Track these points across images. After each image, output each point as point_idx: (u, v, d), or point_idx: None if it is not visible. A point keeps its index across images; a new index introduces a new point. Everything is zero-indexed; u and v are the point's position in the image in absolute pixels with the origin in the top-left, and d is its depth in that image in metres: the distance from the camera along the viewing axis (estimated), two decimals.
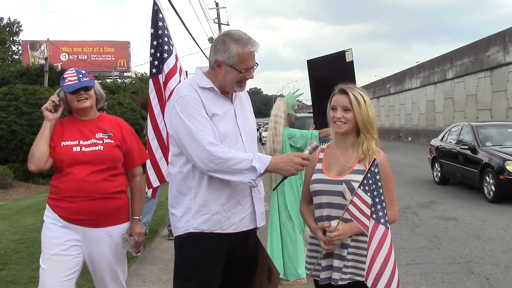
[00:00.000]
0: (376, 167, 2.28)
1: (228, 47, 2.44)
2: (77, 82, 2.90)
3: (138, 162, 3.13)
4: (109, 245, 2.95)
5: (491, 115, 23.71)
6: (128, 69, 47.57)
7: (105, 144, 2.93)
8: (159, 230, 7.31)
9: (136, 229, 3.07)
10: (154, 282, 5.03)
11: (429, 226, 7.64)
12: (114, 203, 2.93)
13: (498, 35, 23.21)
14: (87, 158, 2.86)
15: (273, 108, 4.88)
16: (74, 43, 48.96)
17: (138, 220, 3.12)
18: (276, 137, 4.71)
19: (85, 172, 2.83)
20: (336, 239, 2.42)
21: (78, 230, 2.88)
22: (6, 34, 35.87)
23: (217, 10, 34.09)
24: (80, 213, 2.84)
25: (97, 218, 2.88)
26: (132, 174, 3.13)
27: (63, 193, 2.84)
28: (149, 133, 4.68)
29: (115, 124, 3.10)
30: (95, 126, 3.00)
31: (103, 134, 2.97)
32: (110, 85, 33.46)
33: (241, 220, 2.54)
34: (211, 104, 2.49)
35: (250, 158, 2.39)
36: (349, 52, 4.29)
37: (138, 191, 3.17)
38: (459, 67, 27.46)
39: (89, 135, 2.94)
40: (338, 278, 2.46)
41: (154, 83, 4.62)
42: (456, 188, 11.42)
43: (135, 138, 3.13)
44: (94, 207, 2.85)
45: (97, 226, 2.90)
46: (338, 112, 2.55)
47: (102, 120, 3.09)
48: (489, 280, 5.06)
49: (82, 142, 2.90)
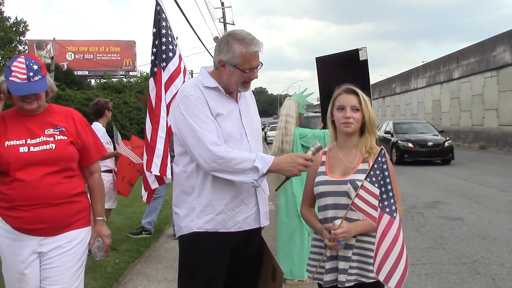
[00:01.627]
0: (383, 157, 2.25)
1: (232, 47, 2.44)
2: (26, 83, 2.46)
3: (96, 158, 2.79)
4: (69, 252, 2.60)
5: (498, 114, 23.59)
6: (134, 68, 47.68)
7: (57, 142, 2.56)
8: (164, 229, 7.32)
9: (103, 231, 2.80)
10: (160, 281, 5.04)
11: (434, 226, 7.60)
12: (74, 207, 2.62)
13: (504, 35, 23.07)
14: (36, 159, 2.49)
15: (284, 107, 4.80)
16: (80, 42, 49.17)
17: (103, 221, 2.82)
18: (286, 137, 4.65)
19: (36, 176, 2.48)
20: (341, 236, 2.41)
21: (33, 240, 2.53)
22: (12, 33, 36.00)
23: (223, 9, 34.13)
24: (37, 222, 2.50)
25: (57, 226, 2.56)
26: (89, 171, 2.78)
27: (14, 201, 2.48)
28: (148, 132, 4.69)
29: (67, 116, 2.70)
30: (44, 121, 2.60)
31: (54, 130, 2.59)
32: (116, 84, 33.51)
33: (245, 219, 2.54)
34: (216, 104, 2.49)
35: (253, 158, 2.39)
36: (363, 50, 4.23)
37: (99, 190, 2.83)
38: (465, 67, 27.32)
39: (37, 132, 2.55)
40: (344, 280, 2.45)
41: (156, 81, 4.62)
42: (462, 189, 11.38)
43: (90, 131, 2.78)
44: (53, 214, 2.52)
45: (55, 233, 2.56)
46: (347, 112, 2.53)
47: (52, 112, 2.66)
48: (495, 280, 5.04)
49: (30, 141, 2.52)
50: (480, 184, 11.12)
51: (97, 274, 5.03)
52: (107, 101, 6.05)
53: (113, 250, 5.91)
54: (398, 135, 18.38)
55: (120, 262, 5.48)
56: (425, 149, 17.36)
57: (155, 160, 4.55)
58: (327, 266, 2.53)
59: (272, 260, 2.68)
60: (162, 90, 4.55)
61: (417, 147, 17.42)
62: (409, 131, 19.06)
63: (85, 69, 45.72)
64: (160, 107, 4.56)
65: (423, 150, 17.36)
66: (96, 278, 4.90)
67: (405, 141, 17.69)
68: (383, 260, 2.21)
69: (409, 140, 17.72)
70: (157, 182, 4.82)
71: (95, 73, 45.99)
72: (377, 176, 2.26)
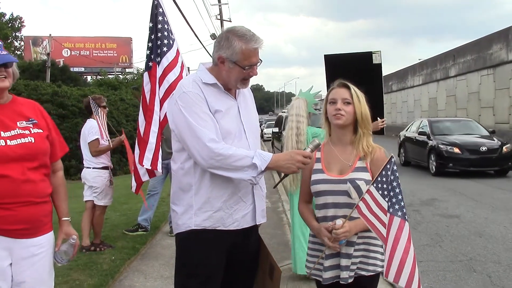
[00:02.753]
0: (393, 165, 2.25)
1: (232, 44, 2.42)
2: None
3: (60, 155, 2.60)
4: (43, 258, 2.42)
5: (494, 112, 23.65)
6: (130, 65, 47.54)
7: (35, 135, 2.38)
8: (160, 227, 7.31)
9: (72, 231, 2.60)
10: (156, 278, 5.03)
11: (431, 224, 7.62)
12: (47, 207, 2.45)
13: (501, 33, 23.11)
14: (16, 153, 2.28)
15: (293, 107, 4.75)
16: (76, 39, 48.94)
17: (69, 222, 2.63)
18: (300, 136, 4.61)
19: (19, 171, 2.28)
20: (343, 236, 2.42)
21: (10, 243, 2.29)
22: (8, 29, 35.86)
23: (219, 6, 33.99)
24: (18, 222, 2.29)
25: (35, 227, 2.37)
26: (54, 168, 2.59)
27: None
28: (141, 125, 4.70)
29: (35, 109, 2.51)
30: (14, 111, 2.40)
31: (27, 122, 2.40)
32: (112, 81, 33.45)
33: (243, 216, 2.53)
34: (214, 100, 2.47)
35: (251, 155, 2.38)
36: (377, 54, 4.22)
37: (63, 188, 2.64)
38: (462, 65, 27.37)
39: (9, 124, 2.34)
40: (347, 276, 2.46)
41: (151, 75, 4.63)
42: (459, 186, 11.40)
43: (54, 126, 2.60)
44: (34, 213, 2.34)
45: (30, 236, 2.36)
46: (338, 104, 2.54)
47: (19, 104, 2.46)
48: (491, 278, 5.05)
49: (4, 133, 2.30)
50: (476, 182, 11.15)
51: (93, 271, 5.01)
52: (97, 97, 6.00)
53: (109, 247, 5.90)
54: (437, 137, 14.04)
55: (116, 259, 5.46)
56: (477, 156, 13.00)
57: (147, 154, 4.58)
58: (326, 264, 2.53)
59: (270, 258, 2.67)
60: (157, 85, 4.55)
61: (465, 154, 13.04)
62: (451, 131, 14.68)
63: (81, 66, 45.56)
64: (154, 101, 4.57)
65: (474, 157, 13.00)
66: (92, 275, 4.88)
67: (449, 145, 13.29)
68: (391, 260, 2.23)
69: (454, 143, 13.35)
70: (147, 175, 4.86)
71: (91, 70, 45.81)
72: (383, 183, 2.26)
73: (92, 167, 5.78)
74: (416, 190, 10.90)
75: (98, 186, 5.74)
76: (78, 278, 4.73)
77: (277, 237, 6.65)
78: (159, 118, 4.59)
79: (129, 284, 4.86)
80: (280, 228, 7.23)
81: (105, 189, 5.81)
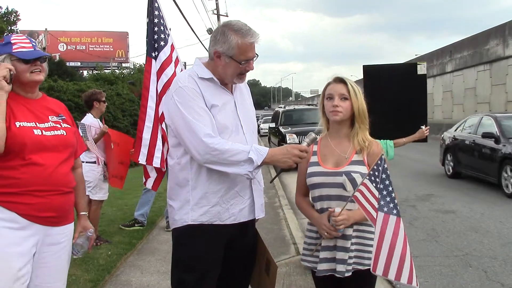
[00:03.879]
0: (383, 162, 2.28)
1: (228, 38, 2.41)
2: (33, 50, 2.43)
3: (79, 153, 2.76)
4: (65, 247, 2.55)
5: (490, 108, 23.69)
6: (127, 59, 47.40)
7: (66, 129, 2.54)
8: (157, 221, 7.30)
9: (89, 225, 2.75)
10: (152, 273, 5.02)
11: (427, 219, 7.64)
12: (73, 198, 2.59)
13: (498, 29, 23.14)
14: (51, 143, 2.42)
15: None
16: (73, 33, 48.77)
17: (87, 216, 2.78)
18: None
19: (53, 161, 2.41)
20: (341, 223, 2.43)
21: (40, 231, 2.40)
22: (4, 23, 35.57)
23: (216, 0, 33.85)
24: (49, 210, 2.41)
25: (61, 216, 2.49)
26: (75, 165, 2.69)
27: (28, 186, 2.33)
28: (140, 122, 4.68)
29: (62, 107, 2.68)
30: (44, 107, 2.54)
31: (57, 117, 2.55)
32: (108, 75, 33.32)
33: (240, 211, 2.53)
34: (211, 95, 2.46)
35: (247, 149, 2.37)
36: (422, 65, 4.23)
37: (82, 185, 2.78)
38: (459, 60, 27.40)
39: (43, 117, 2.47)
40: (343, 270, 2.47)
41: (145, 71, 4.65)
42: (454, 181, 11.42)
43: (75, 125, 2.77)
44: (62, 202, 2.47)
45: (58, 224, 2.49)
46: (335, 100, 2.55)
47: (48, 101, 2.62)
48: (487, 273, 5.07)
49: (39, 124, 2.42)
50: (472, 177, 11.16)
51: (89, 266, 5.00)
52: (96, 92, 5.96)
53: (106, 242, 5.89)
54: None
55: (112, 254, 5.46)
56: None
57: (142, 150, 4.55)
58: (321, 256, 2.54)
59: (267, 254, 2.68)
60: (150, 80, 4.53)
61: None
62: None
63: (77, 60, 45.39)
64: (147, 97, 4.54)
65: None
66: (89, 270, 4.88)
67: None
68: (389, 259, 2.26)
69: None
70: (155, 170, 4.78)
71: (88, 64, 45.64)
72: (376, 177, 2.29)
73: (85, 161, 5.74)
74: (412, 185, 10.90)
75: (91, 181, 5.70)
76: (75, 273, 4.72)
77: (273, 232, 6.66)
78: (154, 113, 4.55)
79: (125, 279, 4.85)
80: (277, 223, 7.24)
81: (98, 183, 5.78)
